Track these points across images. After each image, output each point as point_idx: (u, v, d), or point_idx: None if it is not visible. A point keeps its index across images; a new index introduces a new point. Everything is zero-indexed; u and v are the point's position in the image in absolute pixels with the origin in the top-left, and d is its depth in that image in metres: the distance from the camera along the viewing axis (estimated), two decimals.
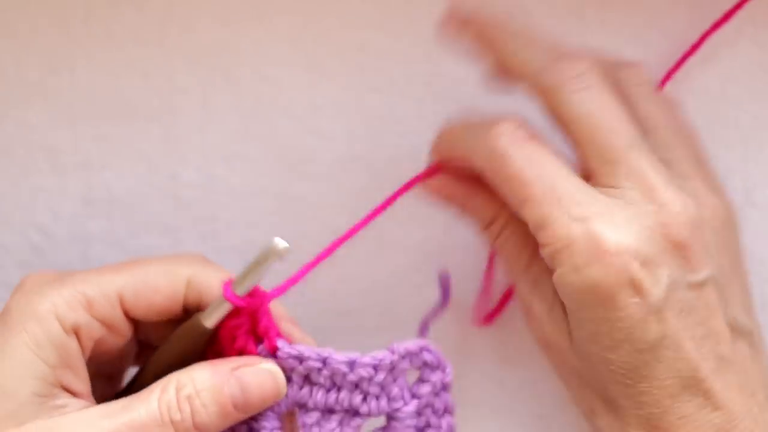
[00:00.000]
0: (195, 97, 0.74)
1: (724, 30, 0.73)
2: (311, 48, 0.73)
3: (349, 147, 0.74)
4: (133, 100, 0.74)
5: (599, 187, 0.61)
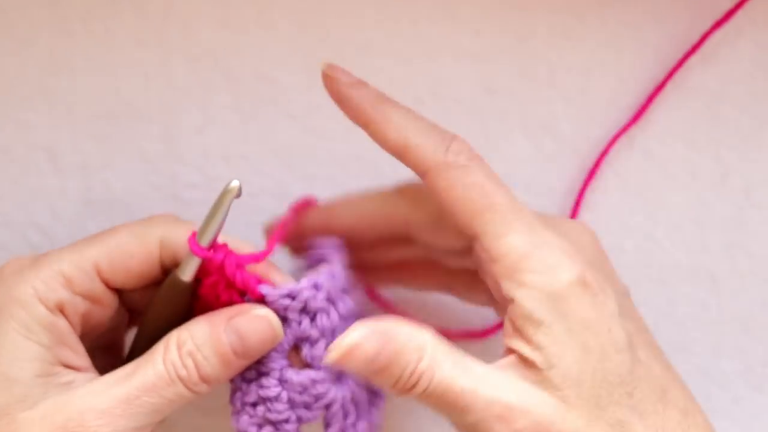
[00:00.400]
0: (195, 97, 0.74)
1: (724, 30, 0.73)
2: (311, 48, 0.73)
3: (349, 147, 0.74)
4: (133, 100, 0.74)
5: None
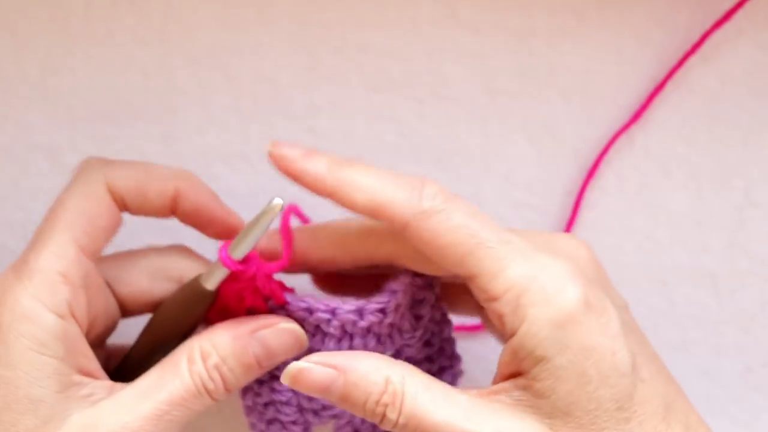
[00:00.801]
0: (195, 97, 0.74)
1: (724, 29, 0.73)
2: (311, 48, 0.73)
3: (349, 147, 0.74)
4: (133, 100, 0.74)
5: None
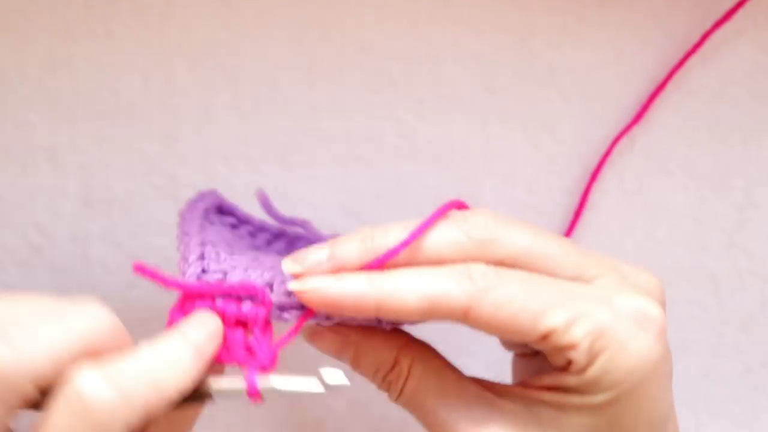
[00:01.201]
0: (195, 97, 0.74)
1: (724, 30, 0.73)
2: (311, 48, 0.73)
3: (349, 147, 0.74)
4: (133, 100, 0.74)
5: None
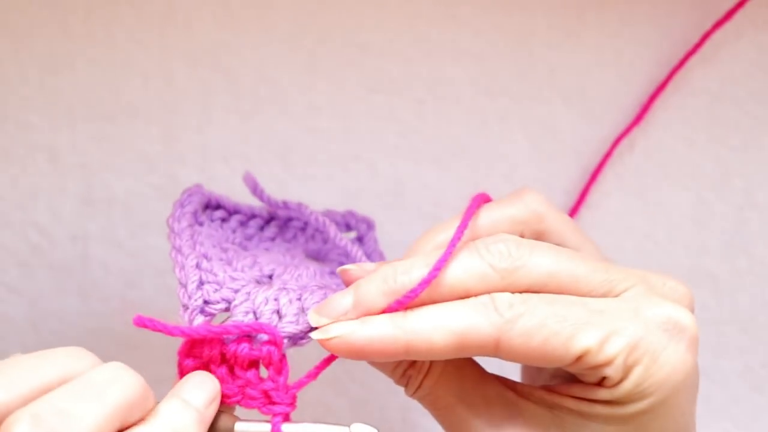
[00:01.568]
0: (195, 97, 0.74)
1: (724, 30, 0.73)
2: (311, 48, 0.73)
3: (349, 147, 0.74)
4: (133, 100, 0.74)
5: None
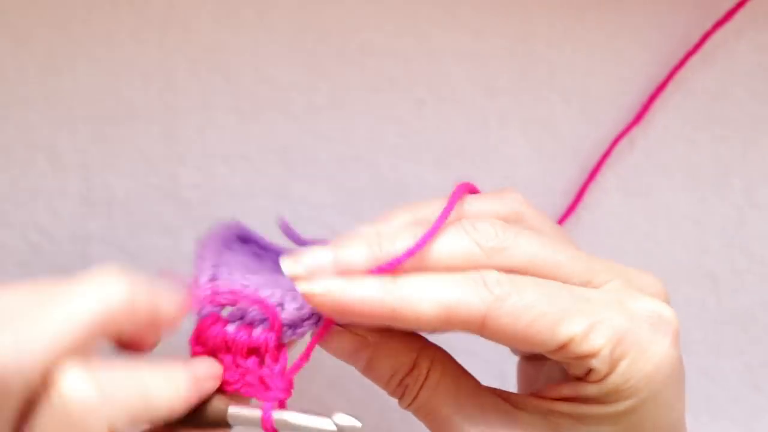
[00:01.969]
0: (195, 97, 0.74)
1: (724, 30, 0.73)
2: (311, 48, 0.73)
3: (349, 147, 0.74)
4: (133, 100, 0.74)
5: None
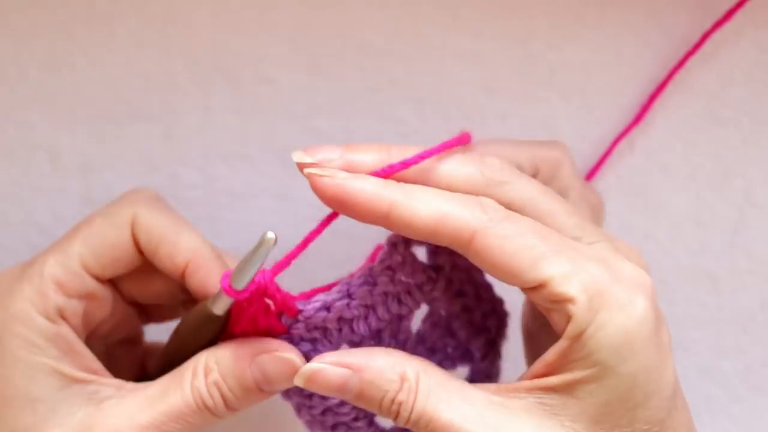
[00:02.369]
0: (195, 97, 0.74)
1: (724, 30, 0.73)
2: (311, 48, 0.73)
3: None
4: (133, 100, 0.74)
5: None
